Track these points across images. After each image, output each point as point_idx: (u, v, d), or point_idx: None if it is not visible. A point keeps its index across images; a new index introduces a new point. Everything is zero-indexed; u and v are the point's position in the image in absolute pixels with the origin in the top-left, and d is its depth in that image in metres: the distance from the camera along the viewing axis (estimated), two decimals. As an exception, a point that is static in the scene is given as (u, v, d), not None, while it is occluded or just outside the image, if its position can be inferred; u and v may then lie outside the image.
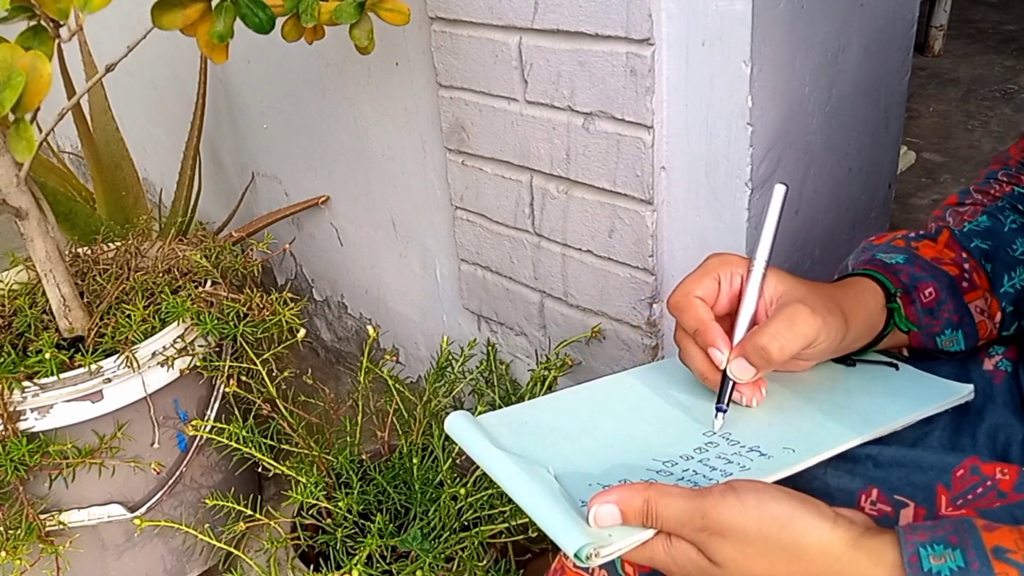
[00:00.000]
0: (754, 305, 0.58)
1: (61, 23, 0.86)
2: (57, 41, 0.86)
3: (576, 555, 0.45)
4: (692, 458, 0.55)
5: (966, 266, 0.64)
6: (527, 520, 1.06)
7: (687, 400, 0.62)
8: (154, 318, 1.14)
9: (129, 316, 1.13)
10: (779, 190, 0.59)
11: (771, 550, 0.45)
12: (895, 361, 0.65)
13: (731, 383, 0.58)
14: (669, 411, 0.61)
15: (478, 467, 1.13)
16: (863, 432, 0.57)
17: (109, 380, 1.07)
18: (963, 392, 0.61)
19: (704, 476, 0.53)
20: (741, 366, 0.56)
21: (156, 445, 1.16)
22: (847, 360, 0.64)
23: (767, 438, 0.57)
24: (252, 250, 1.36)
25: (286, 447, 1.12)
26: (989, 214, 0.68)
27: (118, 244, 1.30)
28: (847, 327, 0.58)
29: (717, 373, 0.58)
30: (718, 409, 0.57)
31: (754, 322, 0.59)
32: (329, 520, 1.11)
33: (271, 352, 1.16)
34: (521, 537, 1.09)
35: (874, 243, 0.68)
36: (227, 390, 1.16)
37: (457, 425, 0.58)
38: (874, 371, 0.65)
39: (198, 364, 1.15)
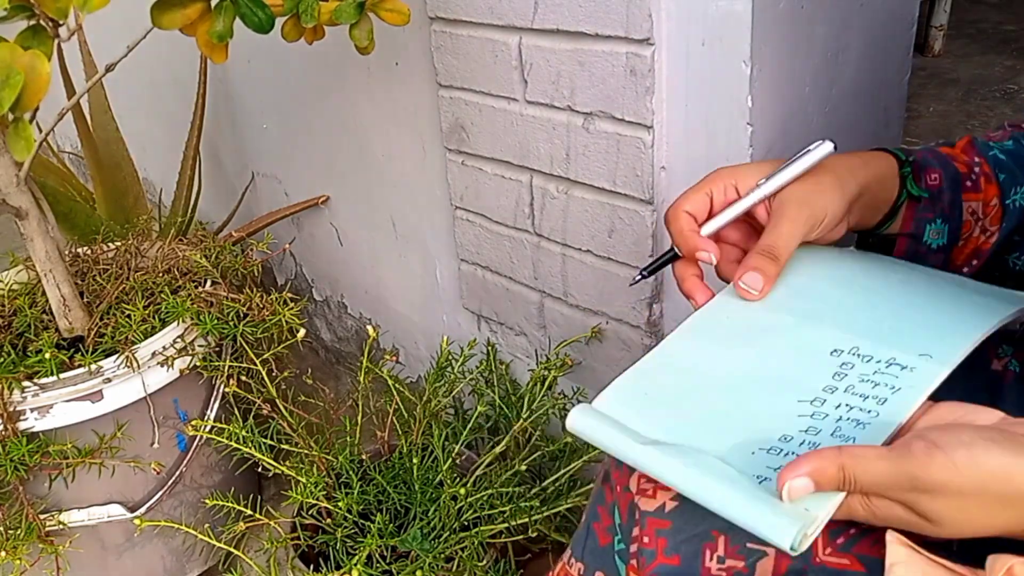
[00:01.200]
0: (735, 215, 0.62)
1: (60, 22, 0.86)
2: (56, 41, 0.86)
3: (791, 547, 0.43)
4: (836, 389, 0.53)
5: (976, 169, 0.66)
6: (527, 520, 1.06)
7: (793, 317, 0.59)
8: (154, 318, 1.14)
9: (129, 316, 1.13)
10: (827, 146, 0.60)
11: (989, 502, 0.44)
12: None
13: (667, 258, 0.64)
14: (784, 334, 0.58)
15: (478, 467, 1.13)
16: (983, 326, 0.55)
17: (109, 380, 1.07)
18: None
19: (859, 408, 0.51)
20: (752, 278, 0.59)
21: (156, 445, 1.16)
22: (868, 238, 0.67)
23: (896, 345, 0.54)
24: (252, 250, 1.36)
25: (286, 447, 1.12)
26: (1015, 139, 0.69)
27: (118, 244, 1.30)
28: (855, 180, 0.60)
29: (705, 293, 0.62)
30: (641, 272, 0.64)
31: (753, 220, 0.63)
32: (329, 520, 1.11)
33: (271, 352, 1.15)
34: (521, 537, 1.09)
35: None
36: (227, 390, 1.16)
37: (583, 423, 0.54)
38: (939, 276, 0.64)
39: (198, 364, 1.15)
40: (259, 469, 1.11)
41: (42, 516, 1.10)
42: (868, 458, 0.44)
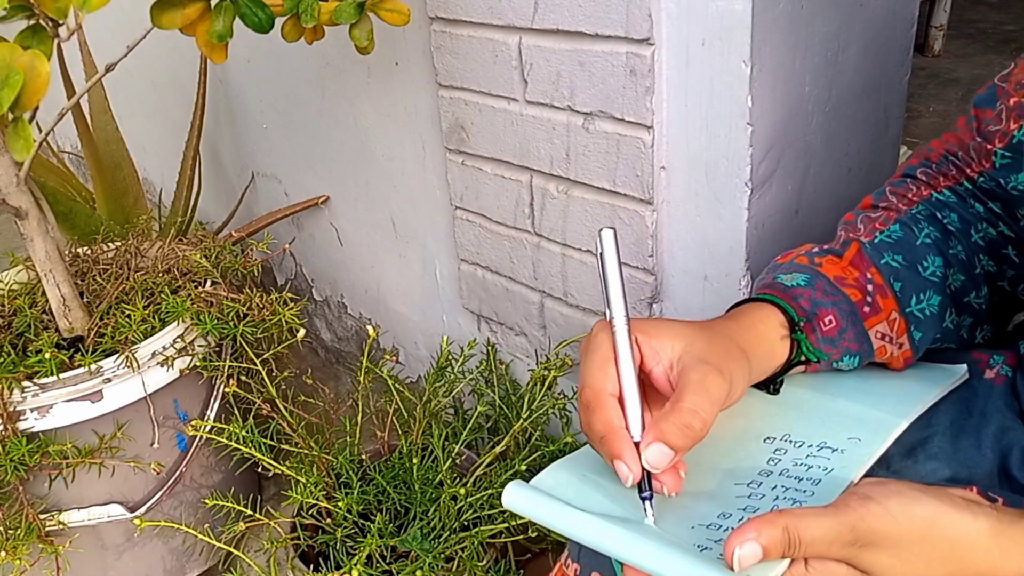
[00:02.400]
0: (634, 375, 0.52)
1: (60, 22, 0.86)
2: (56, 41, 0.86)
3: None
4: (771, 473, 0.53)
5: (870, 287, 0.61)
6: (527, 520, 1.06)
7: (724, 415, 0.59)
8: (154, 318, 1.14)
9: (129, 316, 1.13)
10: (608, 235, 0.53)
11: (927, 551, 0.44)
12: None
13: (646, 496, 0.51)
14: (716, 426, 0.57)
15: (478, 467, 1.13)
16: (909, 413, 0.56)
17: (109, 380, 1.07)
18: (960, 372, 0.62)
19: (795, 489, 0.51)
20: (658, 452, 0.49)
21: (156, 445, 1.16)
22: (771, 387, 0.61)
23: (827, 433, 0.56)
24: (252, 250, 1.36)
25: (286, 447, 1.12)
26: (902, 223, 0.65)
27: (118, 244, 1.30)
28: (750, 366, 0.54)
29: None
30: (643, 498, 0.50)
31: (649, 385, 0.54)
32: (329, 520, 1.11)
33: (271, 352, 1.15)
34: (521, 537, 1.09)
35: (779, 262, 0.65)
36: (227, 390, 1.16)
37: (521, 497, 0.50)
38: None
39: (198, 364, 1.15)
40: (259, 469, 1.11)
41: (42, 516, 1.10)
42: (808, 516, 0.44)
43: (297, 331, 1.16)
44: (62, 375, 1.05)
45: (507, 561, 1.09)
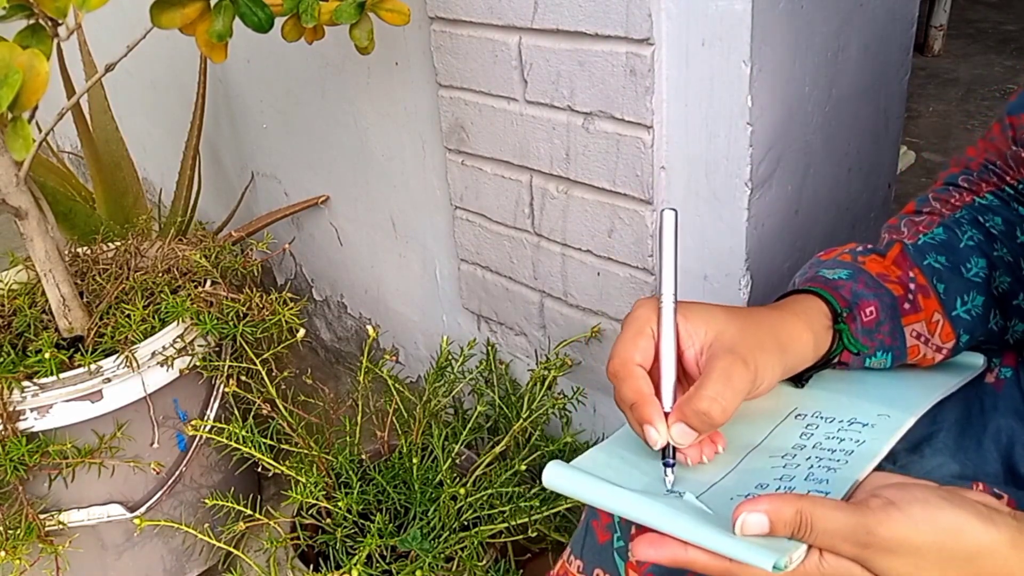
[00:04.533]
0: (673, 350, 0.54)
1: (59, 22, 0.86)
2: (56, 40, 0.86)
3: (776, 566, 0.43)
4: (805, 446, 0.54)
5: (911, 286, 0.61)
6: (527, 520, 1.06)
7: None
8: (154, 318, 1.14)
9: (129, 316, 1.13)
10: (668, 215, 0.54)
11: (945, 560, 0.44)
12: None
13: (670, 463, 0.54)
14: (747, 405, 0.58)
15: (478, 467, 1.13)
16: (933, 394, 0.58)
17: (109, 380, 1.07)
18: (979, 363, 0.63)
19: (828, 459, 0.52)
20: (682, 431, 0.52)
21: (156, 445, 1.16)
22: (798, 381, 0.61)
23: (856, 409, 0.57)
24: (252, 250, 1.36)
25: (286, 447, 1.12)
26: (946, 227, 0.65)
27: (118, 244, 1.30)
28: (785, 357, 0.55)
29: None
30: (666, 464, 0.53)
31: (680, 366, 0.55)
32: (329, 520, 1.11)
33: (271, 352, 1.15)
34: (521, 537, 1.09)
35: (821, 258, 0.66)
36: (227, 390, 1.16)
37: (560, 476, 0.52)
38: None
39: (198, 364, 1.15)
40: (259, 469, 1.11)
41: (42, 516, 1.10)
42: (826, 506, 0.44)
43: (297, 331, 1.16)
44: (62, 375, 1.05)
45: (507, 561, 1.09)
